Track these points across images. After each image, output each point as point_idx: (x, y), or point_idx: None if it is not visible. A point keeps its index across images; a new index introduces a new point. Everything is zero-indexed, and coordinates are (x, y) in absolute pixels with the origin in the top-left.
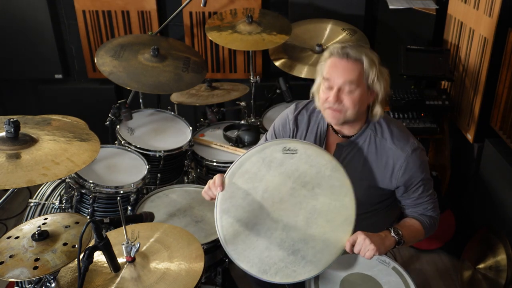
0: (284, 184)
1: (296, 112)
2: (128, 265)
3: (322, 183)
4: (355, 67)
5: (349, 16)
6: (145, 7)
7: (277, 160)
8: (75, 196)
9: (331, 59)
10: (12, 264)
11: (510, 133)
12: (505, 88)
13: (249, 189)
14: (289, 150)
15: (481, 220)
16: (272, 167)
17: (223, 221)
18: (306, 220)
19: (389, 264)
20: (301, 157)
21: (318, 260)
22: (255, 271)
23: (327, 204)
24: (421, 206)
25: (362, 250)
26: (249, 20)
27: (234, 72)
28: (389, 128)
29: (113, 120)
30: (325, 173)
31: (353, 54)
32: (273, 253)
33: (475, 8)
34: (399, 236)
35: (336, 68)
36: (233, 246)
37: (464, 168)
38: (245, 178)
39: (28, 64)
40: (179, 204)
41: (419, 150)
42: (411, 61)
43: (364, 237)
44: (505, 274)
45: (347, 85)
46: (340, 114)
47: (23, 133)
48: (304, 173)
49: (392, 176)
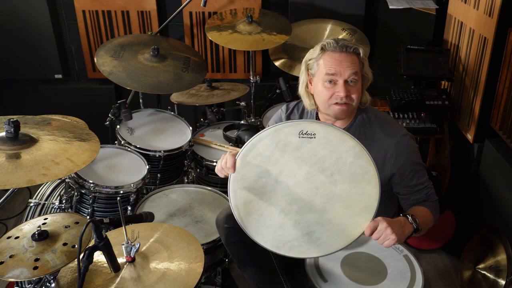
0: (299, 168)
1: (288, 112)
2: (128, 265)
3: (343, 170)
4: (355, 58)
5: (349, 16)
6: (145, 7)
7: (293, 144)
8: (75, 196)
9: (328, 54)
10: (12, 264)
11: (510, 133)
12: (505, 88)
13: (261, 172)
14: (306, 134)
15: (481, 220)
16: (287, 151)
17: (237, 200)
18: (323, 205)
19: (401, 251)
20: (320, 141)
21: (334, 242)
22: (269, 246)
23: (346, 190)
24: (423, 192)
25: (381, 238)
26: (249, 20)
27: (234, 72)
28: (376, 118)
29: (113, 120)
30: (346, 159)
31: (350, 46)
32: (287, 232)
33: (475, 8)
34: (416, 224)
35: (338, 61)
36: (247, 223)
37: (464, 168)
38: (257, 161)
39: (28, 64)
40: (179, 204)
41: (408, 136)
42: (411, 61)
43: (386, 225)
44: (505, 274)
45: (352, 76)
46: (348, 107)
47: (23, 133)
48: (323, 159)
49: (385, 164)
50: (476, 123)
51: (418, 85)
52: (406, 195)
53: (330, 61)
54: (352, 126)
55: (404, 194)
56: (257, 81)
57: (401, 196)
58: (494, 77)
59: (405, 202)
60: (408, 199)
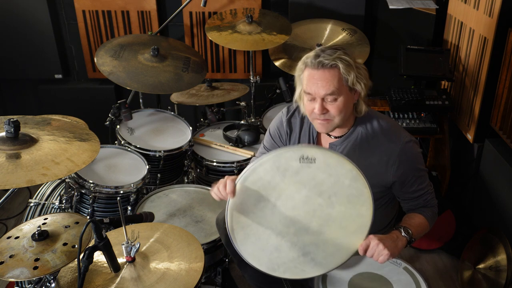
0: (298, 192)
1: (289, 115)
2: (128, 265)
3: (339, 192)
4: (333, 75)
5: (349, 16)
6: (145, 7)
7: (293, 168)
8: (75, 196)
9: (307, 70)
10: (12, 264)
11: (510, 133)
12: (505, 88)
13: (260, 197)
14: (307, 159)
15: (481, 220)
16: (287, 175)
17: (234, 224)
18: (319, 227)
19: (400, 264)
20: (320, 166)
21: (329, 262)
22: (264, 269)
23: (342, 212)
24: (421, 198)
25: (375, 255)
26: (249, 20)
27: (234, 72)
28: (379, 123)
29: (113, 120)
30: (344, 182)
31: (327, 61)
32: (283, 254)
33: (475, 8)
34: (409, 236)
35: (314, 80)
36: (243, 247)
37: (464, 168)
38: (257, 186)
39: (28, 64)
40: (179, 204)
41: (411, 142)
42: (411, 61)
43: (378, 242)
44: (505, 274)
45: (329, 95)
46: (328, 123)
47: (23, 133)
48: (321, 182)
49: (387, 171)
50: (476, 123)
51: (418, 85)
52: (405, 200)
53: (308, 79)
54: (354, 132)
55: (403, 199)
56: (257, 81)
57: (400, 200)
58: (494, 77)
59: (403, 205)
60: (406, 204)
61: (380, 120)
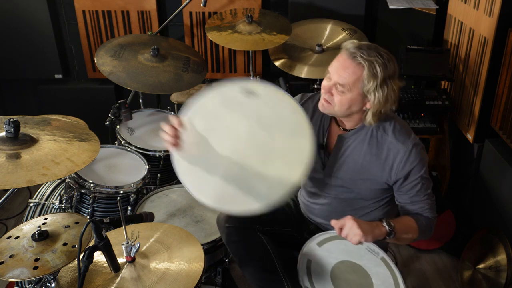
0: (242, 124)
1: (302, 101)
2: (128, 265)
3: (281, 126)
4: (354, 71)
5: (349, 16)
6: (145, 7)
7: (237, 101)
8: (75, 196)
9: (341, 53)
10: (12, 264)
11: (510, 133)
12: (505, 88)
13: (205, 129)
14: (251, 94)
15: (481, 220)
16: (231, 108)
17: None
18: (263, 160)
19: (377, 254)
20: (264, 99)
21: (272, 194)
22: (211, 203)
23: (284, 145)
24: (418, 204)
25: (349, 234)
26: (249, 20)
27: (234, 72)
28: (391, 123)
29: (113, 120)
30: (285, 115)
31: (359, 57)
32: (229, 189)
33: (475, 8)
34: (390, 227)
35: (338, 63)
36: (191, 184)
37: (464, 168)
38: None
39: (28, 64)
40: (179, 204)
41: (419, 146)
42: (411, 61)
43: (353, 222)
44: (505, 274)
45: (340, 85)
46: (328, 106)
47: (23, 133)
48: (264, 116)
49: (392, 169)
50: (476, 123)
51: (418, 85)
52: (401, 203)
53: (336, 60)
54: (364, 128)
55: (400, 202)
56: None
57: (397, 203)
58: (494, 77)
59: (399, 209)
60: (402, 208)
61: (393, 120)
